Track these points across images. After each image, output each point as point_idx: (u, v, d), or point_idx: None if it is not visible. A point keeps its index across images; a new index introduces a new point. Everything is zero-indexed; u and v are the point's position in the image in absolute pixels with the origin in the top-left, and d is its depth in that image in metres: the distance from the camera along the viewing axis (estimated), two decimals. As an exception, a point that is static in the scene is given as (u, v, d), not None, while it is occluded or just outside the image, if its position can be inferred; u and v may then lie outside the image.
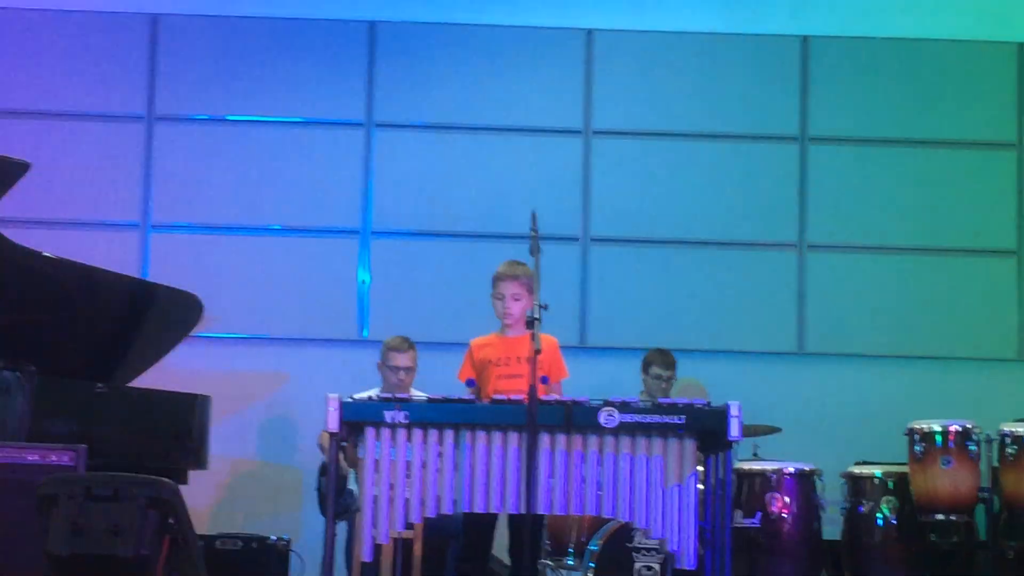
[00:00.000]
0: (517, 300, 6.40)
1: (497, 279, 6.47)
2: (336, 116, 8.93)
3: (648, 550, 6.46)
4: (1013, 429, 7.11)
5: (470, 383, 6.43)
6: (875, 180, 8.98)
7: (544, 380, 5.99)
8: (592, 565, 6.45)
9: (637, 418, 5.46)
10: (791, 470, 7.36)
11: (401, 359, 7.48)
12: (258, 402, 8.74)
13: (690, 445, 5.51)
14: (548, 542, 6.86)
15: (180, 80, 8.93)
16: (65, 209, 8.78)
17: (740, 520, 7.03)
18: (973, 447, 7.21)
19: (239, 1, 8.99)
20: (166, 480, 5.46)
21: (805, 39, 9.04)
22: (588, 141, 8.96)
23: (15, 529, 5.61)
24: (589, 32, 9.03)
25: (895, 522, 7.35)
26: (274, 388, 8.75)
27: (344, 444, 5.86)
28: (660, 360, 7.92)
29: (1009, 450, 7.09)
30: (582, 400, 5.51)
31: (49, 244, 7.16)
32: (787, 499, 7.29)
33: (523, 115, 8.96)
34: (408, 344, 7.52)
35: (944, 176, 8.98)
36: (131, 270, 8.43)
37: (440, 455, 5.47)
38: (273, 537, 7.76)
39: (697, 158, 8.96)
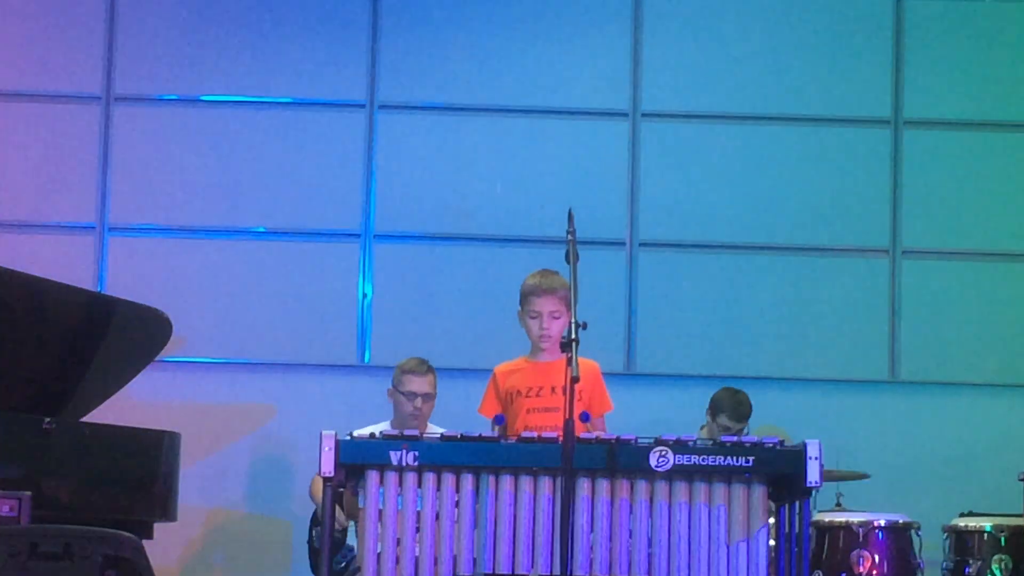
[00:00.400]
0: (556, 318, 6.37)
1: (530, 294, 6.43)
2: (332, 96, 8.95)
3: (709, 620, 6.43)
4: None
5: (499, 420, 6.40)
6: (985, 172, 8.95)
7: (585, 418, 5.98)
8: (641, 638, 6.43)
9: (695, 460, 5.45)
10: (882, 523, 7.31)
11: (418, 383, 7.49)
12: (239, 440, 8.76)
13: (759, 492, 5.50)
14: (587, 610, 6.85)
15: (144, 53, 8.95)
16: (5, 208, 8.81)
17: (820, 583, 7.01)
18: (1104, 495, 7.17)
19: (214, -41, 9.05)
20: (127, 534, 5.46)
21: None
22: (636, 125, 8.95)
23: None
24: (637, -6, 9.06)
25: (1009, 586, 7.33)
26: (258, 423, 8.77)
27: (342, 491, 5.85)
28: (732, 408, 7.88)
29: None
30: (629, 438, 5.50)
31: (-13, 250, 7.21)
32: (877, 558, 7.26)
33: (556, 94, 8.97)
34: (426, 366, 7.54)
35: (1069, 166, 8.98)
36: (85, 282, 8.45)
37: (457, 504, 5.47)
38: (256, 603, 7.78)
39: (767, 146, 8.95)
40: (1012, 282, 8.90)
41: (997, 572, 7.30)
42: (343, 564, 7.08)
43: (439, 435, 5.58)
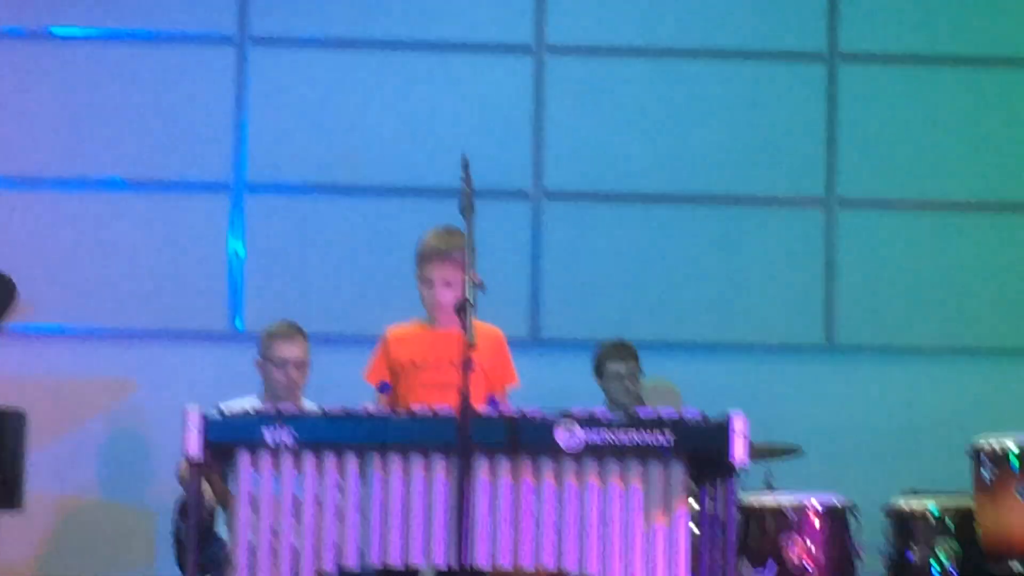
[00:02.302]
0: (450, 286, 6.36)
1: (423, 258, 6.40)
2: (198, 27, 8.91)
3: (624, 614, 6.48)
4: (1114, 446, 7.16)
5: (384, 388, 6.40)
6: (931, 111, 9.03)
7: (493, 403, 6.02)
8: (548, 636, 6.48)
9: (607, 436, 5.46)
10: (816, 505, 7.40)
11: (288, 349, 7.47)
12: (93, 419, 8.71)
13: (679, 472, 5.53)
14: (489, 606, 6.88)
15: (-19, -21, 8.90)
16: None
17: (747, 571, 7.06)
18: (1061, 471, 7.27)
19: None
20: (-35, 527, 5.45)
21: (833, -79, 9.12)
22: (540, 60, 8.97)
23: None
24: (541, -88, 9.07)
25: (955, 573, 7.40)
26: (115, 400, 8.73)
27: (210, 475, 5.84)
28: (615, 352, 7.94)
29: (1109, 475, 7.14)
30: (532, 412, 5.51)
31: None
32: (810, 543, 7.34)
33: (450, 26, 8.97)
34: (296, 329, 7.51)
35: (1024, 105, 9.08)
36: (-84, 240, 8.42)
37: (340, 489, 5.47)
38: (115, 602, 7.77)
39: (688, 83, 8.99)
40: (962, 235, 8.99)
41: (943, 557, 7.38)
42: (212, 558, 7.06)
43: (319, 410, 5.58)
